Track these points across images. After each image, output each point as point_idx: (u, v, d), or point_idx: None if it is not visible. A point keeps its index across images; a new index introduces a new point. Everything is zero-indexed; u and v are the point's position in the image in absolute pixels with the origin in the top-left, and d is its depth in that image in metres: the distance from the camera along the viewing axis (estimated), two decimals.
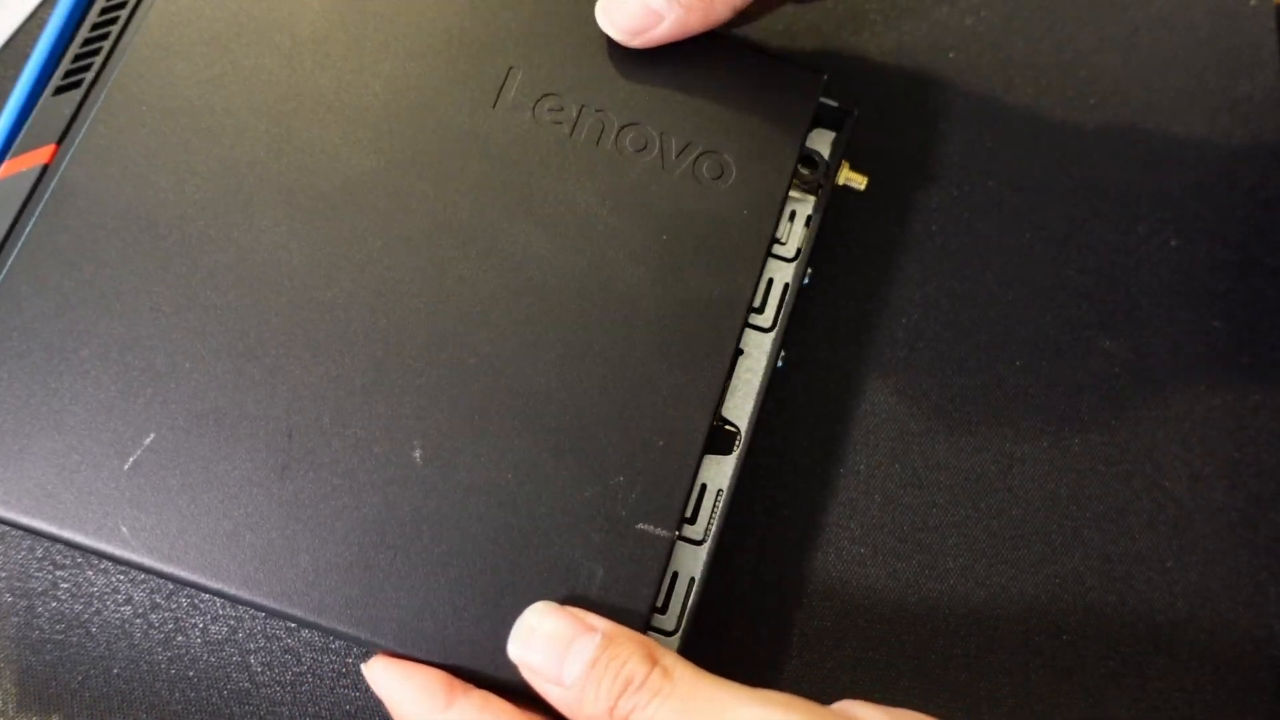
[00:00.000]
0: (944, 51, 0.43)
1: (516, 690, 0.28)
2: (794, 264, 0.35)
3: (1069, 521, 0.37)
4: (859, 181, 0.37)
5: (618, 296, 0.32)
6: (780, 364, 0.34)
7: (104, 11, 0.34)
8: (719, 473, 0.33)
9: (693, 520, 0.32)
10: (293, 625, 0.35)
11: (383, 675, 0.29)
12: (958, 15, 0.43)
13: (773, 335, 0.34)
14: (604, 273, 0.32)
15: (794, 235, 0.35)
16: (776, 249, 0.35)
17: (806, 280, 0.35)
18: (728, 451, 0.33)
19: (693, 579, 0.32)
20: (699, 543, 0.32)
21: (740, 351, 0.34)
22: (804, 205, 0.36)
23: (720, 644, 0.35)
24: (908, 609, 0.36)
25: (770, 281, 0.35)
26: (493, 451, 0.30)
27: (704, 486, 0.32)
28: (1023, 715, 0.35)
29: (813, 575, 0.36)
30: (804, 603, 0.36)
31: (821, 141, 0.37)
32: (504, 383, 0.31)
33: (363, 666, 0.29)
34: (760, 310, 0.34)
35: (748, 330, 0.34)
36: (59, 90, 0.33)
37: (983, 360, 0.39)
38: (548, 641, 0.28)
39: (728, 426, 0.33)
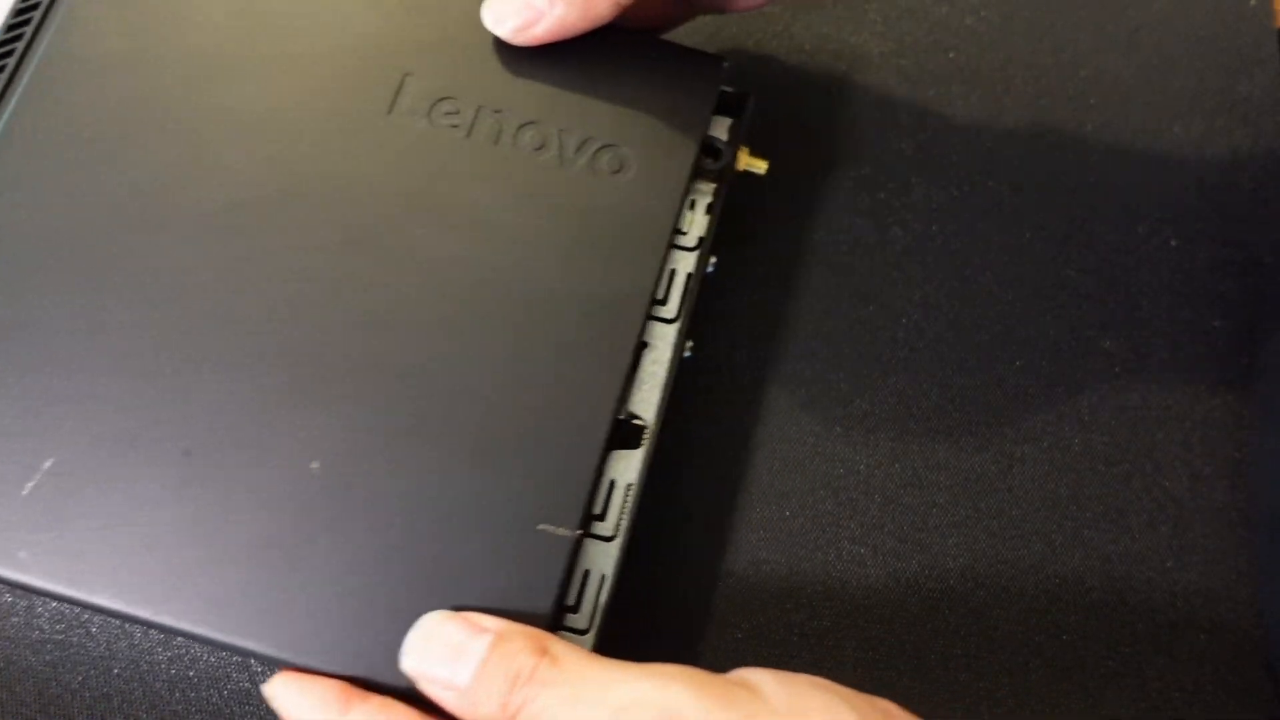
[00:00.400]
0: (944, 51, 0.43)
1: (418, 698, 0.28)
2: (695, 253, 0.35)
3: (1069, 521, 0.37)
4: (759, 167, 0.36)
5: (519, 297, 0.32)
6: (687, 354, 0.34)
7: None
8: (628, 467, 0.32)
9: (602, 517, 0.32)
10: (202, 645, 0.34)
11: (281, 691, 0.28)
12: (958, 15, 0.43)
13: (676, 326, 0.34)
14: (504, 274, 0.32)
15: (695, 224, 0.35)
16: (678, 239, 0.35)
17: (710, 269, 0.35)
18: (636, 445, 0.33)
19: (604, 576, 0.31)
20: (610, 539, 0.32)
21: (645, 344, 0.33)
22: (705, 193, 0.36)
23: (719, 645, 0.35)
24: (908, 609, 0.36)
25: (673, 272, 0.34)
26: (393, 459, 0.30)
27: (613, 482, 0.32)
28: (1023, 715, 0.35)
29: (813, 575, 0.36)
30: (804, 603, 0.36)
31: (721, 128, 0.36)
32: (404, 389, 0.31)
33: (263, 688, 0.29)
34: (664, 302, 0.34)
35: (652, 322, 0.34)
36: None
37: (983, 360, 0.39)
38: (440, 649, 0.28)
39: (635, 420, 0.33)
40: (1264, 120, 0.42)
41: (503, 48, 0.34)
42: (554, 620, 0.30)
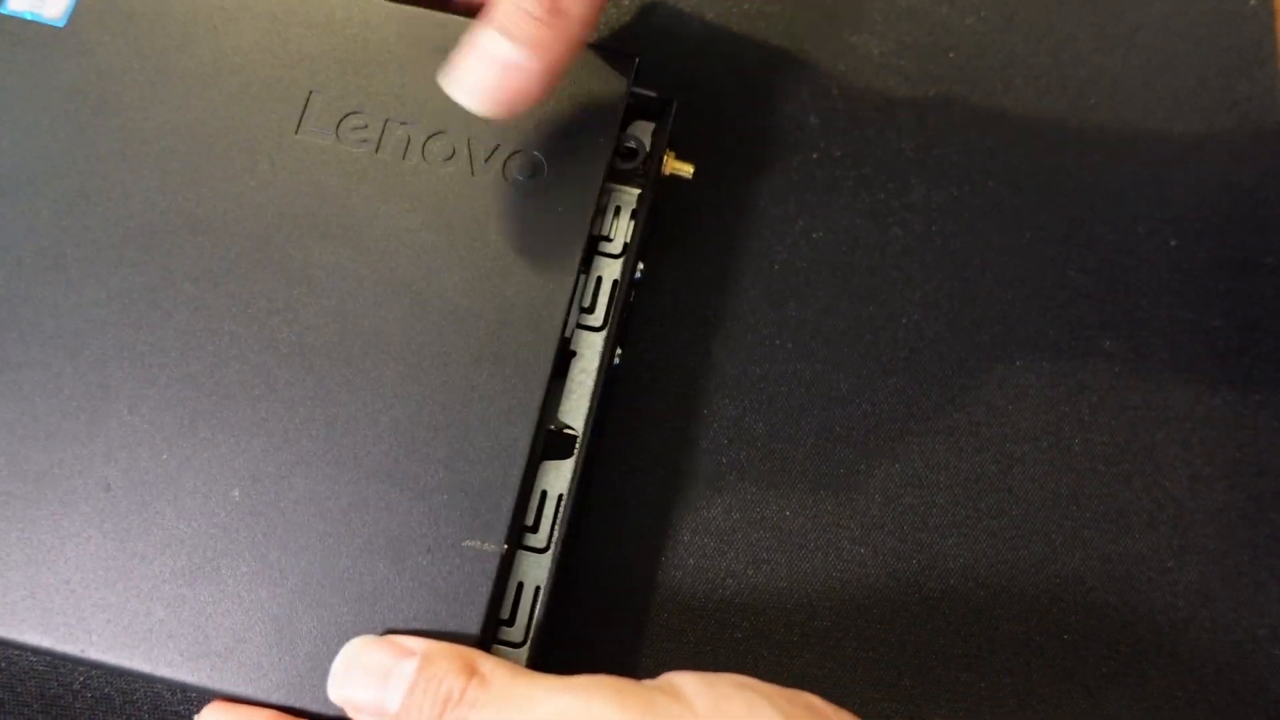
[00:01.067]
0: (944, 51, 0.43)
1: None
2: (621, 260, 0.35)
3: (1069, 521, 0.37)
4: (686, 170, 0.36)
5: (435, 311, 0.32)
6: (616, 362, 0.34)
7: None
8: (559, 478, 0.33)
9: (535, 529, 0.32)
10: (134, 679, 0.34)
11: None
12: (958, 15, 0.43)
13: (604, 334, 0.34)
14: (419, 289, 0.32)
15: (620, 231, 0.35)
16: (603, 246, 0.35)
17: (639, 275, 0.35)
18: (567, 456, 0.32)
19: (538, 588, 0.31)
20: (542, 550, 0.32)
21: (574, 353, 0.34)
22: (630, 199, 0.35)
23: (719, 645, 0.35)
24: (908, 609, 0.36)
25: (599, 279, 0.34)
26: (315, 484, 0.30)
27: (544, 493, 0.32)
28: (1024, 715, 0.35)
29: (813, 575, 0.36)
30: (804, 603, 0.36)
31: (644, 134, 0.36)
32: (322, 412, 0.31)
33: (195, 718, 0.29)
34: (591, 310, 0.34)
35: (580, 331, 0.34)
36: None
37: (983, 360, 0.39)
38: (366, 675, 0.27)
39: (566, 430, 0.33)
40: (1264, 120, 0.42)
41: (407, 58, 0.34)
42: (485, 636, 0.29)
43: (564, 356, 0.33)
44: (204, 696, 0.29)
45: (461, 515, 0.30)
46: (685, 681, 0.27)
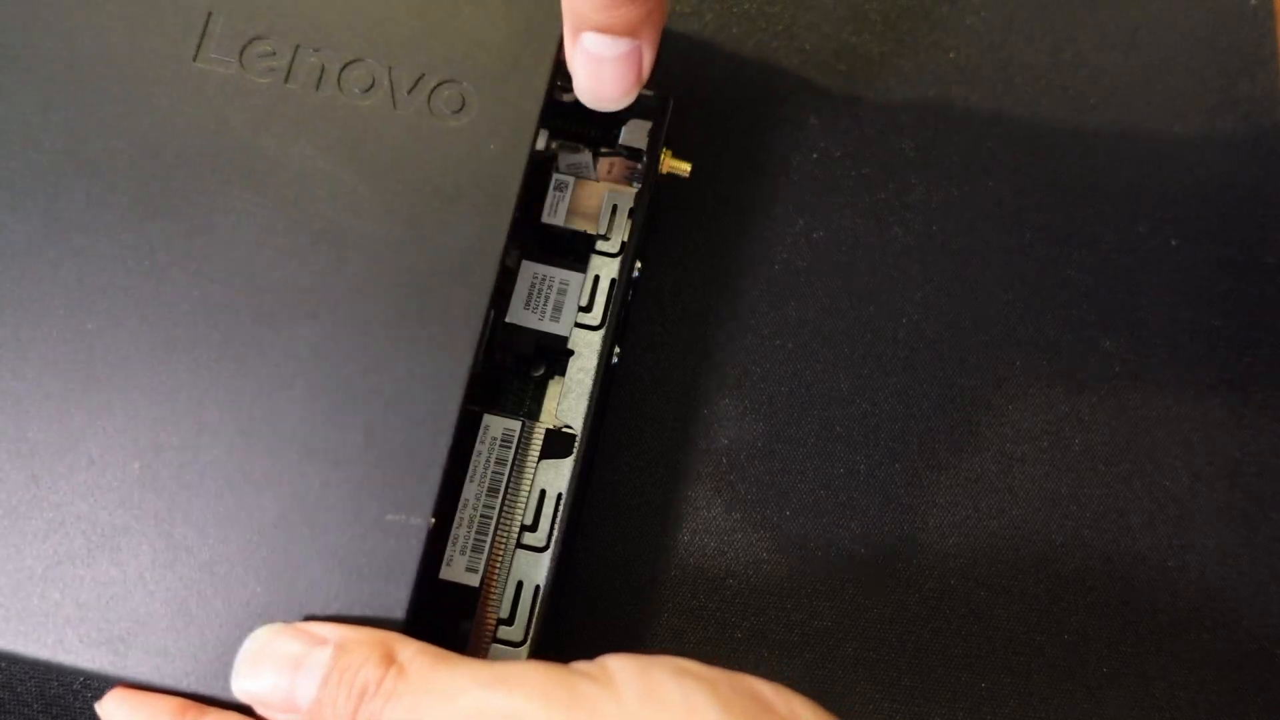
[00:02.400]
0: (944, 51, 0.43)
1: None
2: (619, 259, 0.34)
3: (1069, 521, 0.37)
4: (683, 169, 0.36)
5: (354, 264, 0.29)
6: (614, 360, 0.34)
7: None
8: (558, 477, 0.32)
9: (534, 528, 0.31)
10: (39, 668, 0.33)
11: (113, 709, 0.27)
12: (958, 15, 0.43)
13: (602, 333, 0.33)
14: (336, 238, 0.29)
15: (617, 228, 0.34)
16: (601, 244, 0.34)
17: (636, 274, 0.35)
18: (566, 455, 0.32)
19: (537, 587, 0.31)
20: (542, 550, 0.31)
21: (571, 352, 0.33)
22: (627, 198, 0.35)
23: (719, 645, 0.35)
24: (908, 609, 0.36)
25: (597, 278, 0.34)
26: (223, 455, 0.27)
27: (543, 492, 0.31)
28: (1024, 715, 0.35)
29: (813, 575, 0.36)
30: (804, 603, 0.36)
31: (640, 132, 0.35)
32: (231, 375, 0.28)
33: (96, 706, 0.28)
34: (588, 309, 0.33)
35: (578, 330, 0.33)
36: None
37: (983, 360, 0.39)
38: (274, 668, 0.26)
39: (565, 429, 0.32)
40: (1264, 120, 0.42)
41: None
42: (411, 618, 0.27)
43: (500, 314, 0.31)
44: (106, 684, 0.28)
45: (385, 487, 0.27)
46: (619, 667, 0.25)
